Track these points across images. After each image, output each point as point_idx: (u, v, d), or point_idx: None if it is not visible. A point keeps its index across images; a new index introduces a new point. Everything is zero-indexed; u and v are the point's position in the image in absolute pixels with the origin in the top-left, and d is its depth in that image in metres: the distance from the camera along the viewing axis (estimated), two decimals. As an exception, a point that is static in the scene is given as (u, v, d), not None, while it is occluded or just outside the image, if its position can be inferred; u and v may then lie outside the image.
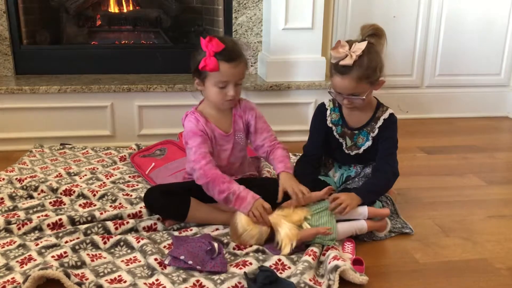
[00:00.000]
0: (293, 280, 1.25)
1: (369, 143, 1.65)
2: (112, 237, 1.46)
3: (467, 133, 2.76)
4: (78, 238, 1.46)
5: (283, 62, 2.49)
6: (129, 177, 1.98)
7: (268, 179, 1.78)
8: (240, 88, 1.59)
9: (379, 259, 1.43)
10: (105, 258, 1.38)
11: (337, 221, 1.49)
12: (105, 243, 1.44)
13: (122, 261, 1.37)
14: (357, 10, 2.77)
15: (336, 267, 1.27)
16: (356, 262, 1.37)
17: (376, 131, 1.64)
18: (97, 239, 1.44)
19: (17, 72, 2.59)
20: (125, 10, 2.88)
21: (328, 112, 1.70)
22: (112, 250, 1.42)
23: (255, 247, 1.45)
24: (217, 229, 1.56)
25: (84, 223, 1.56)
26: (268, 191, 1.57)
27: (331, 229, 1.44)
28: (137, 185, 1.90)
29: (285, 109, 2.47)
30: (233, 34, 2.66)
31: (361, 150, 1.67)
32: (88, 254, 1.38)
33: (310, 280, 1.26)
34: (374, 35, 1.54)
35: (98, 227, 1.51)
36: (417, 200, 1.85)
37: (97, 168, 2.07)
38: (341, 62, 1.50)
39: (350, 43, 1.52)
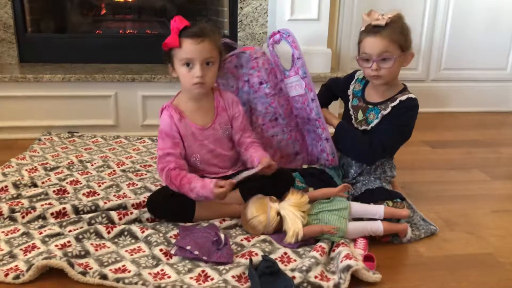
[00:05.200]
0: (297, 276, 1.25)
1: (377, 120, 1.62)
2: (116, 227, 1.46)
3: (472, 128, 2.75)
4: (82, 227, 1.46)
5: (288, 53, 2.47)
6: (140, 166, 1.99)
7: (279, 170, 1.69)
8: (212, 72, 1.50)
9: (383, 252, 1.43)
10: (109, 247, 1.38)
11: (352, 219, 1.48)
12: (109, 232, 1.44)
13: (126, 251, 1.37)
14: (363, 1, 2.74)
15: (348, 267, 1.25)
16: (366, 259, 1.35)
17: (389, 109, 1.60)
18: (101, 228, 1.44)
19: (21, 60, 2.58)
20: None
21: (354, 80, 1.73)
22: (116, 240, 1.42)
23: (262, 237, 1.45)
24: (224, 220, 1.56)
25: (87, 212, 1.56)
26: (279, 180, 1.57)
27: (336, 229, 1.42)
28: (146, 174, 1.90)
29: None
30: (238, 24, 2.64)
31: (369, 127, 1.64)
32: (92, 244, 1.38)
33: (316, 277, 1.25)
34: (399, 15, 1.58)
35: (102, 217, 1.51)
36: (421, 194, 1.84)
37: (109, 157, 2.07)
38: (374, 22, 1.53)
39: (381, 14, 1.57)
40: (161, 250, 1.35)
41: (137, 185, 1.80)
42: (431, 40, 2.91)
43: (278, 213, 1.45)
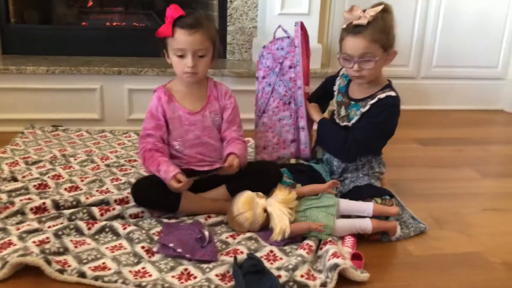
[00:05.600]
0: (283, 275, 1.21)
1: (357, 117, 1.59)
2: (97, 223, 1.41)
3: (462, 126, 2.74)
4: (62, 223, 1.41)
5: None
6: (125, 161, 1.94)
7: (266, 163, 1.71)
8: (205, 63, 1.51)
9: (372, 250, 1.40)
10: (89, 244, 1.33)
11: (340, 216, 1.45)
12: (89, 229, 1.39)
13: (107, 248, 1.33)
14: (355, -3, 2.71)
15: (335, 266, 1.22)
16: (354, 257, 1.32)
17: (367, 107, 1.57)
18: (82, 224, 1.39)
19: (4, 51, 2.51)
20: (117, -9, 2.81)
21: (339, 76, 1.71)
22: (97, 237, 1.38)
23: (248, 234, 1.41)
24: (209, 217, 1.52)
25: (68, 207, 1.51)
26: (267, 175, 1.55)
27: (323, 226, 1.39)
28: (130, 169, 1.85)
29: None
30: (227, 18, 2.60)
31: (350, 123, 1.61)
32: (71, 240, 1.33)
33: (302, 276, 1.22)
34: (383, 10, 1.50)
35: (83, 213, 1.46)
36: (410, 191, 1.81)
37: (94, 151, 2.02)
38: (355, 22, 1.47)
39: (363, 10, 1.50)
40: (143, 247, 1.31)
41: (121, 180, 1.75)
42: (423, 37, 2.89)
43: (265, 210, 1.42)
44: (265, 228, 1.43)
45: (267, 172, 1.56)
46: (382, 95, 1.55)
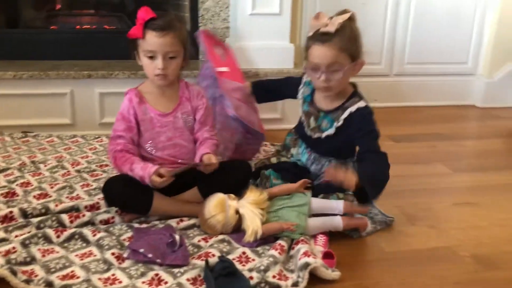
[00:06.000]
0: (255, 276, 1.21)
1: (331, 131, 1.56)
2: (66, 230, 1.38)
3: (434, 121, 2.77)
4: (29, 232, 1.38)
5: (251, 48, 2.43)
6: (96, 166, 1.91)
7: (237, 162, 1.68)
8: (175, 64, 1.50)
9: (344, 248, 1.40)
10: (57, 252, 1.31)
11: (312, 215, 1.45)
12: (58, 236, 1.36)
13: (76, 255, 1.30)
14: (326, -4, 2.72)
15: (306, 265, 1.23)
16: (326, 256, 1.32)
17: (341, 122, 1.53)
18: (50, 232, 1.36)
19: (-31, 56, 2.45)
20: (86, -7, 2.76)
21: (302, 84, 1.66)
22: (66, 244, 1.35)
23: (220, 237, 1.41)
24: (182, 221, 1.50)
25: (37, 215, 1.47)
26: (237, 175, 1.55)
27: (296, 226, 1.39)
28: (101, 174, 1.82)
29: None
30: (199, 19, 2.58)
31: (323, 135, 1.58)
32: (39, 249, 1.30)
33: (274, 276, 1.22)
34: (349, 18, 1.47)
35: (52, 220, 1.43)
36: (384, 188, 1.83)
37: (64, 157, 1.99)
38: (323, 29, 1.43)
39: (330, 17, 1.46)
40: (113, 253, 1.29)
41: (91, 186, 1.72)
42: (394, 35, 2.92)
43: (237, 212, 1.41)
44: (237, 229, 1.42)
45: (238, 171, 1.56)
46: (353, 108, 1.52)
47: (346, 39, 1.43)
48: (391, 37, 2.92)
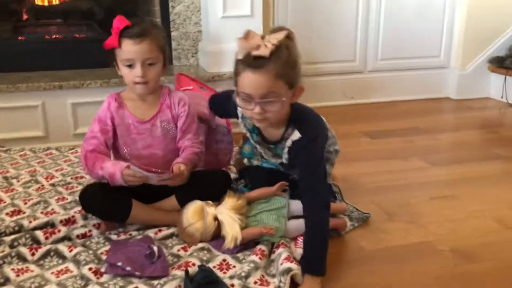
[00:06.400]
0: (236, 284, 1.20)
1: (285, 157, 1.43)
2: (41, 248, 1.35)
3: (410, 116, 2.80)
4: (2, 251, 1.34)
5: (224, 51, 2.42)
6: (71, 178, 1.87)
7: (215, 171, 1.66)
8: (155, 71, 1.48)
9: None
10: (32, 271, 1.27)
11: (291, 217, 1.44)
12: (33, 254, 1.33)
13: (52, 273, 1.27)
14: (297, -4, 2.73)
15: (288, 270, 1.22)
16: None
17: (286, 150, 1.39)
18: (24, 251, 1.33)
19: None
20: (54, 2, 2.70)
21: (240, 119, 1.45)
22: (41, 262, 1.32)
23: (200, 245, 1.39)
24: (160, 230, 1.48)
25: (10, 233, 1.43)
26: (216, 182, 1.54)
27: (275, 229, 1.38)
28: (77, 187, 1.79)
29: (228, 100, 2.40)
30: (171, 24, 2.56)
31: (284, 160, 1.45)
32: (13, 269, 1.27)
33: (255, 282, 1.22)
34: (286, 37, 1.24)
35: (26, 238, 1.39)
36: (361, 185, 1.84)
37: (38, 170, 1.95)
38: (255, 53, 1.18)
39: (262, 36, 1.23)
40: (90, 268, 1.26)
41: (67, 199, 1.69)
42: (366, 32, 2.94)
43: (216, 218, 1.40)
44: (217, 237, 1.41)
45: (215, 179, 1.55)
46: (295, 137, 1.34)
47: (282, 63, 1.20)
48: (363, 34, 2.94)
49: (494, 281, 1.28)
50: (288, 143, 1.35)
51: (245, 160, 1.70)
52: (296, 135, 1.34)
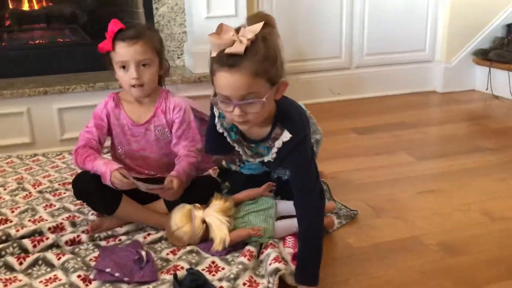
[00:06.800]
0: (225, 286, 1.21)
1: (270, 157, 1.31)
2: (29, 256, 1.35)
3: (397, 110, 2.81)
4: (-10, 262, 1.34)
5: (210, 52, 2.41)
6: (59, 184, 1.87)
7: (204, 178, 1.64)
8: (150, 73, 1.48)
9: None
10: (20, 281, 1.27)
11: (279, 217, 1.45)
12: (21, 264, 1.32)
13: (41, 281, 1.27)
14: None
15: (276, 270, 1.23)
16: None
17: (275, 155, 1.29)
18: (12, 260, 1.33)
19: None
20: (36, 7, 2.68)
21: (217, 117, 1.35)
22: (30, 271, 1.31)
23: (188, 248, 1.40)
24: (149, 235, 1.48)
25: (-2, 243, 1.43)
26: (203, 185, 1.53)
27: (263, 230, 1.39)
28: (65, 193, 1.78)
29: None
30: (155, 25, 2.54)
31: (265, 159, 1.34)
32: (0, 279, 1.26)
33: (244, 283, 1.22)
34: (265, 25, 1.10)
35: (13, 247, 1.39)
36: (349, 182, 1.85)
37: (25, 178, 1.94)
38: (229, 50, 1.06)
39: (237, 29, 1.11)
40: (79, 276, 1.27)
41: (55, 206, 1.69)
42: (351, 28, 2.95)
43: (204, 221, 1.40)
44: (205, 239, 1.41)
45: (203, 183, 1.55)
46: (285, 138, 1.24)
47: (260, 59, 1.08)
48: (348, 30, 2.95)
49: (480, 273, 1.30)
50: (278, 144, 1.26)
51: (223, 162, 1.69)
52: (286, 135, 1.24)
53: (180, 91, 2.31)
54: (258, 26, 1.08)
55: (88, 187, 1.47)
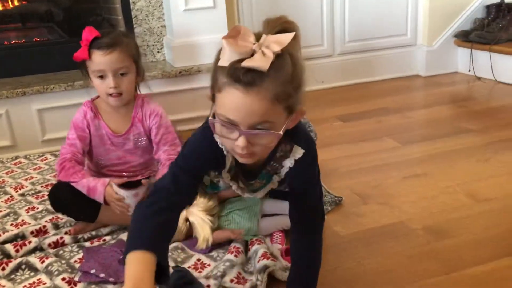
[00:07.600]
0: (212, 284, 1.19)
1: (272, 185, 1.13)
2: (12, 261, 1.32)
3: (381, 96, 2.81)
4: (-29, 269, 1.31)
5: (189, 45, 2.39)
6: (41, 186, 1.84)
7: None
8: (128, 81, 1.46)
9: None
10: (3, 286, 1.25)
11: (263, 215, 1.44)
12: (3, 269, 1.30)
13: (25, 286, 1.25)
14: (260, -17, 2.69)
15: (265, 267, 1.22)
16: (287, 252, 1.30)
17: (283, 173, 1.07)
18: (-6, 266, 1.30)
19: None
20: (10, 6, 2.62)
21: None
22: (13, 276, 1.29)
23: (173, 245, 1.38)
24: (135, 232, 1.47)
25: (-21, 250, 1.40)
26: None
27: (247, 229, 1.38)
28: (47, 195, 1.75)
29: (197, 95, 2.35)
30: (133, 20, 2.51)
31: (258, 195, 1.18)
32: (-18, 286, 1.24)
33: (232, 280, 1.21)
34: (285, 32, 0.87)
35: (-5, 253, 1.37)
36: (334, 170, 1.85)
37: (6, 181, 1.90)
38: (249, 63, 0.81)
39: (257, 35, 0.86)
40: (63, 279, 1.25)
41: (37, 208, 1.66)
42: (332, 15, 2.93)
43: (187, 220, 1.39)
44: (190, 236, 1.40)
45: None
46: (297, 155, 1.03)
47: (284, 80, 0.84)
48: (329, 17, 2.93)
49: (466, 255, 1.30)
50: (289, 163, 1.04)
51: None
52: (298, 152, 1.02)
53: (160, 86, 2.28)
54: (287, 38, 0.84)
55: (65, 197, 1.44)
